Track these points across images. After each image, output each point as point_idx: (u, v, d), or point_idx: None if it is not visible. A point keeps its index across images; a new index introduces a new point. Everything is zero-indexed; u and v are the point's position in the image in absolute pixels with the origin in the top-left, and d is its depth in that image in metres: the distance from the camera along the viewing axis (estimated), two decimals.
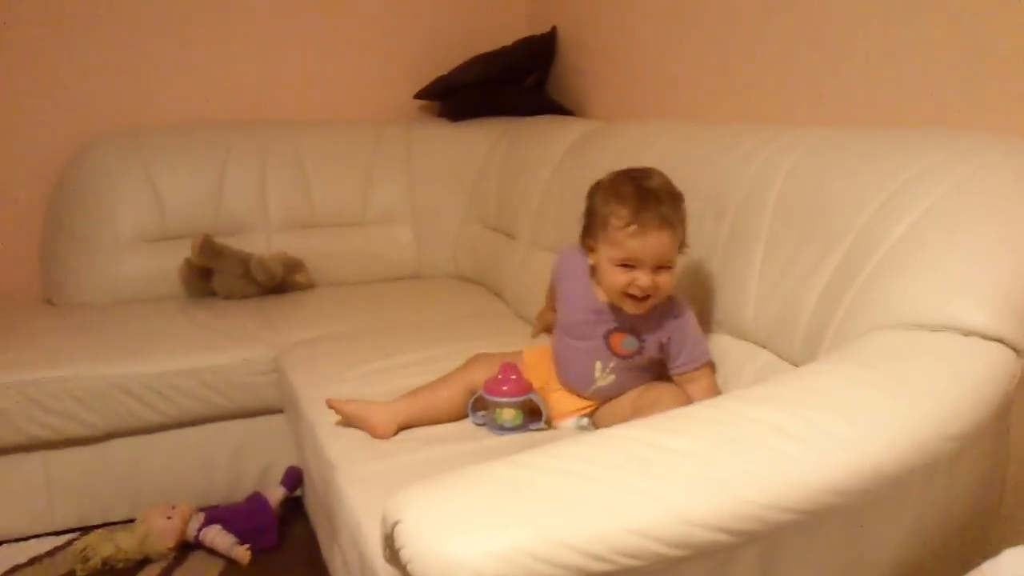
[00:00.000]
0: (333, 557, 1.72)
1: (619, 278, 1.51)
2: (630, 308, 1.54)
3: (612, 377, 1.62)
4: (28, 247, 2.83)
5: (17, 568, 2.05)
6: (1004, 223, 1.19)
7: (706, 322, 1.68)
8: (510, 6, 3.32)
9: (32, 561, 2.07)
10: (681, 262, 1.75)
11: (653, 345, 1.58)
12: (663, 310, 1.56)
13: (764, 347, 1.52)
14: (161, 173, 2.78)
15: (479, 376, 1.70)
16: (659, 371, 1.63)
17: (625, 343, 1.59)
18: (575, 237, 1.67)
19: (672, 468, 0.91)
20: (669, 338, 1.57)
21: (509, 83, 3.09)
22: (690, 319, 1.59)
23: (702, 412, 1.03)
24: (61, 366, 2.12)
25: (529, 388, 1.63)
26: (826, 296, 1.36)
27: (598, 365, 1.62)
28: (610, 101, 2.78)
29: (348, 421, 1.68)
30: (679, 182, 1.82)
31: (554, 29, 3.07)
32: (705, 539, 0.85)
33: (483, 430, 1.65)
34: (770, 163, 1.61)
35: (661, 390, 1.58)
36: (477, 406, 1.70)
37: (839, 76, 1.80)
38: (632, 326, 1.58)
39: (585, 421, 1.66)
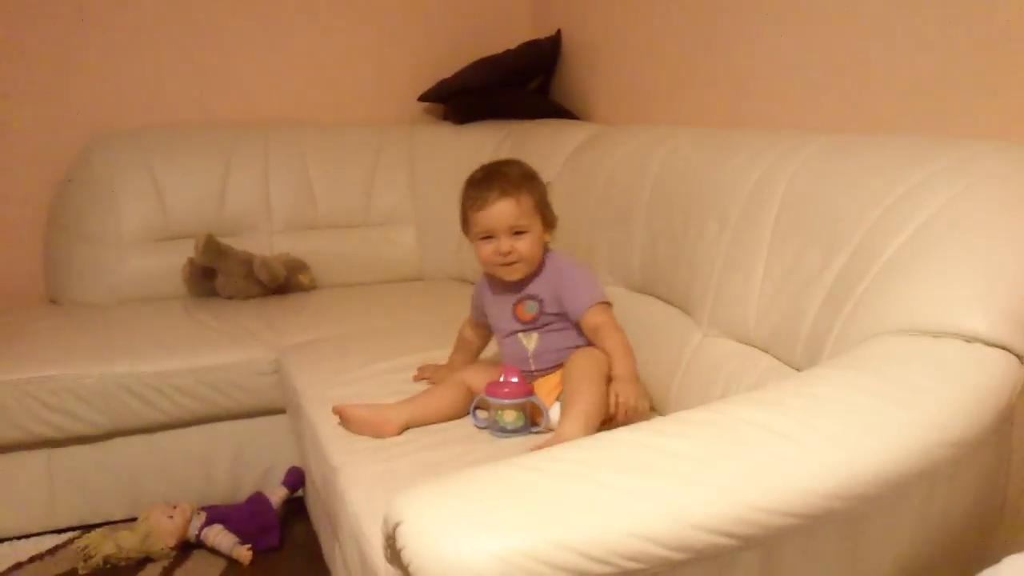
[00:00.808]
0: (334, 557, 1.72)
1: (485, 249, 1.73)
2: (505, 275, 1.74)
3: (536, 336, 1.75)
4: (32, 247, 2.84)
5: (19, 566, 2.05)
6: (1007, 231, 1.19)
7: (708, 325, 1.68)
8: (515, 9, 3.33)
9: (33, 559, 2.08)
10: (682, 266, 1.76)
11: (550, 302, 1.73)
12: (546, 268, 1.75)
13: (766, 352, 1.52)
14: (165, 173, 2.79)
15: (470, 376, 1.75)
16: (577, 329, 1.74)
17: (527, 308, 1.75)
18: (575, 238, 1.74)
19: (674, 471, 0.91)
20: (557, 288, 1.73)
21: (513, 86, 3.09)
22: (573, 269, 1.77)
23: (703, 416, 1.03)
24: (64, 364, 2.13)
25: (531, 390, 1.64)
26: (829, 301, 1.36)
27: (521, 337, 1.76)
28: (614, 105, 2.78)
29: (352, 426, 1.68)
30: (683, 186, 1.84)
31: (558, 32, 3.08)
32: (706, 543, 0.85)
33: (485, 433, 1.65)
34: (773, 169, 1.61)
35: (576, 366, 1.65)
36: (479, 409, 1.71)
37: (843, 83, 1.80)
38: (528, 294, 1.75)
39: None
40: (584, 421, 1.48)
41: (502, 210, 1.69)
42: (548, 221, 1.76)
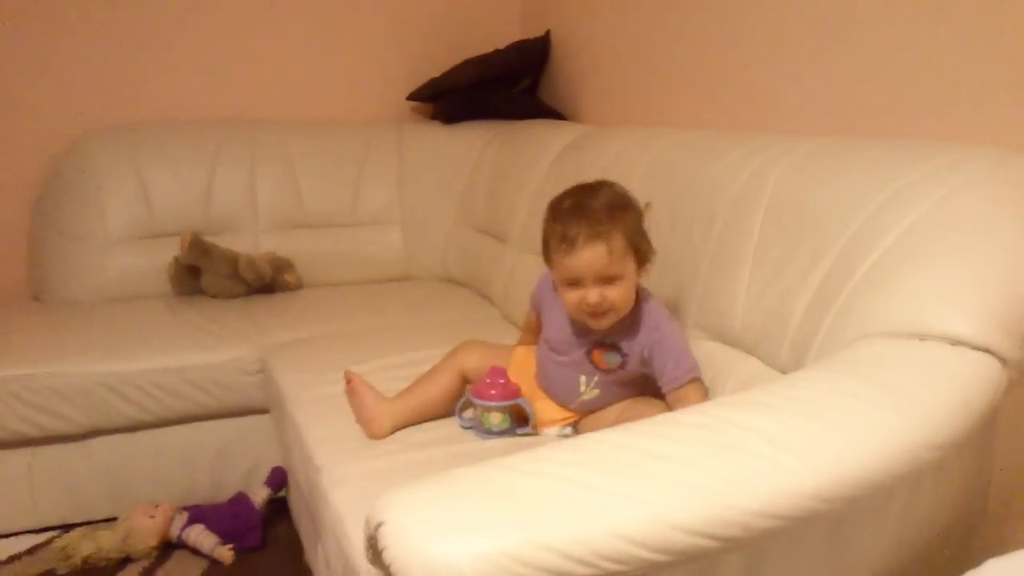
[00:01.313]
0: (317, 558, 1.71)
1: (570, 297, 1.51)
2: (593, 324, 1.53)
3: (597, 391, 1.61)
4: (15, 244, 2.81)
5: None
6: (992, 234, 1.20)
7: (694, 328, 1.68)
8: (504, 9, 3.33)
9: (12, 559, 2.06)
10: (668, 268, 1.75)
11: (635, 359, 1.56)
12: (642, 323, 1.55)
13: (752, 354, 1.52)
14: (150, 170, 2.77)
15: (469, 362, 1.72)
16: (644, 385, 1.60)
17: (608, 358, 1.58)
18: None
19: (657, 473, 0.91)
20: (651, 352, 1.54)
21: (501, 86, 3.09)
22: (671, 332, 1.55)
23: (688, 418, 1.03)
24: (46, 363, 2.11)
25: (517, 392, 1.63)
26: (814, 304, 1.37)
27: (583, 379, 1.61)
28: (602, 106, 2.78)
29: (351, 399, 1.68)
30: (670, 187, 1.83)
31: (547, 33, 3.07)
32: (689, 544, 0.85)
33: (470, 433, 1.65)
34: (760, 171, 1.61)
35: (645, 405, 1.57)
36: (464, 408, 1.70)
37: (831, 85, 1.80)
38: (613, 342, 1.57)
39: (568, 431, 1.65)
40: None
41: (591, 257, 1.46)
42: (642, 256, 1.52)
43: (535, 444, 1.02)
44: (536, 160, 2.56)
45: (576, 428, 1.66)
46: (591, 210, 1.48)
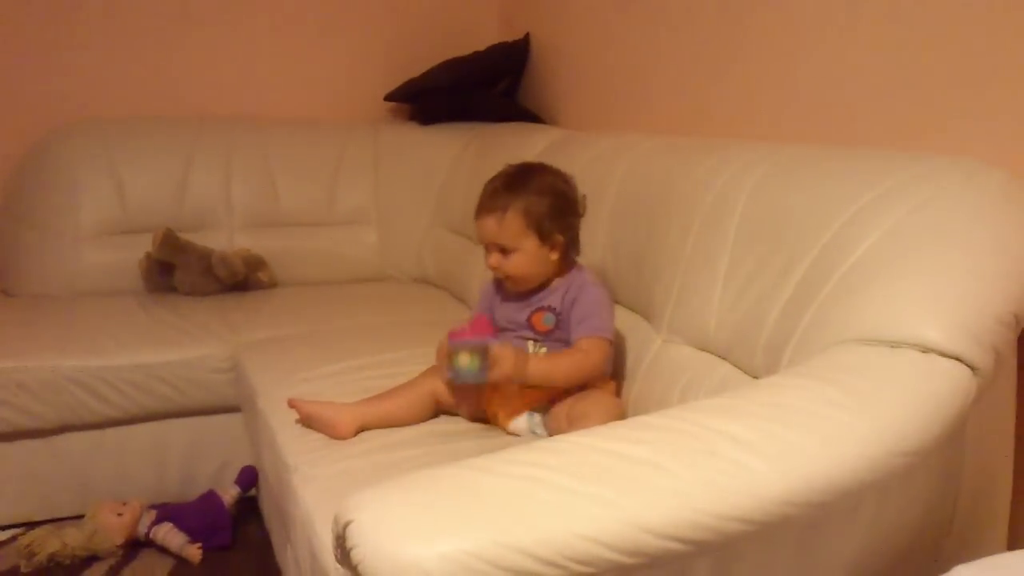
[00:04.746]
0: (286, 558, 1.70)
1: (486, 258, 1.71)
2: (507, 286, 1.72)
3: (544, 350, 1.69)
4: None
5: None
6: (964, 244, 1.21)
7: (668, 332, 1.68)
8: (484, 11, 3.33)
9: None
10: (644, 273, 1.76)
11: (566, 318, 1.68)
12: (569, 286, 1.70)
13: (725, 359, 1.52)
14: (125, 165, 2.75)
15: (443, 388, 1.69)
16: None
17: (544, 320, 1.70)
18: None
19: (627, 475, 0.90)
20: (573, 308, 1.67)
21: (480, 88, 3.09)
22: (597, 295, 1.69)
23: (660, 421, 1.03)
24: (13, 357, 2.09)
25: (492, 334, 1.64)
26: (788, 310, 1.37)
27: (530, 344, 1.71)
28: (581, 110, 2.79)
29: (308, 422, 1.66)
30: (646, 193, 1.84)
31: (527, 36, 3.07)
32: (658, 547, 0.85)
33: (441, 435, 1.63)
34: (736, 177, 1.62)
35: (592, 402, 1.60)
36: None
37: (807, 94, 1.81)
38: (548, 304, 1.70)
39: (537, 418, 1.65)
40: None
41: (485, 227, 1.67)
42: (551, 240, 1.66)
43: (507, 445, 1.01)
44: (513, 163, 2.55)
45: (543, 417, 1.65)
46: (500, 187, 1.68)
